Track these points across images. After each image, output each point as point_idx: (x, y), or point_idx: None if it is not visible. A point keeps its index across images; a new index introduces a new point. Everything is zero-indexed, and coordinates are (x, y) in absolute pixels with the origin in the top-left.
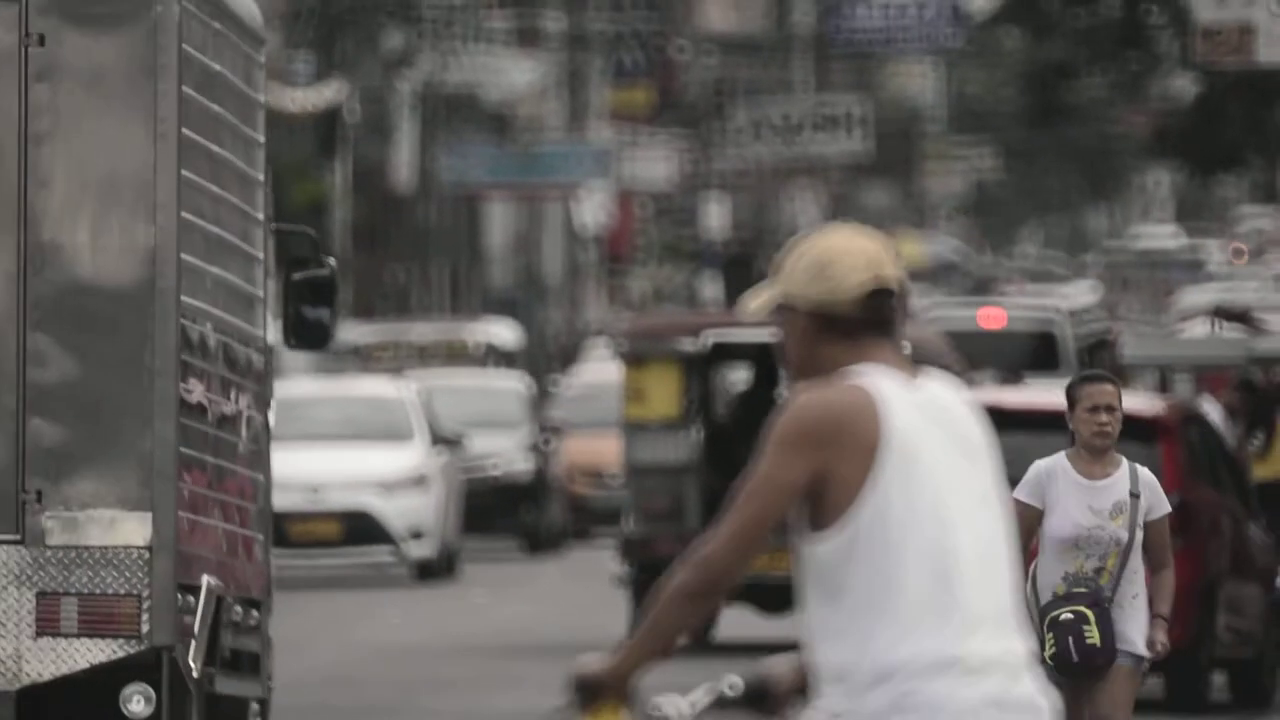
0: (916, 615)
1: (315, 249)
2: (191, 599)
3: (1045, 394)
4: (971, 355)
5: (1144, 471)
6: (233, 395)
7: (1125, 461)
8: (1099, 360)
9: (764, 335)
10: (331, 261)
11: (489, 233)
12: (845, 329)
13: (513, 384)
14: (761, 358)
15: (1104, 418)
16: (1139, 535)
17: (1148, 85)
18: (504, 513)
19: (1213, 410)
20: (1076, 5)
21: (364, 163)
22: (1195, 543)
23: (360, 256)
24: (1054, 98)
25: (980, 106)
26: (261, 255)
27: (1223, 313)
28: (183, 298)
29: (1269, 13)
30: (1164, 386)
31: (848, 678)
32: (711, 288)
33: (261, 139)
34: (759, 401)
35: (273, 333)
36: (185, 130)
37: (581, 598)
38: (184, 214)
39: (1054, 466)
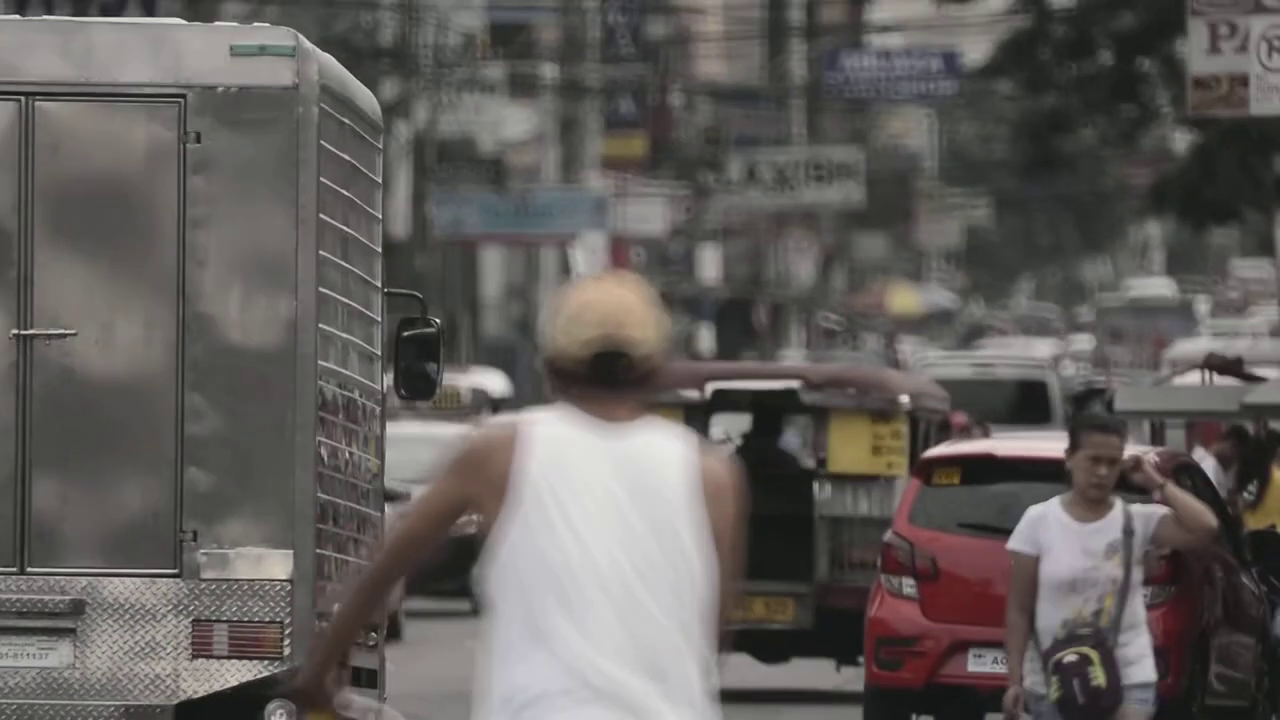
0: (533, 646)
1: (423, 310)
2: (325, 624)
3: (1039, 444)
4: (963, 404)
5: (1135, 507)
6: (357, 443)
7: (1119, 502)
8: (1084, 409)
9: (763, 385)
10: (437, 321)
11: (484, 280)
12: (572, 380)
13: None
14: (759, 406)
15: (1103, 470)
16: (1136, 573)
17: (1141, 137)
18: (454, 571)
19: (1206, 460)
20: (1070, 57)
21: None
22: (1187, 592)
23: None
24: (1047, 149)
25: (973, 158)
26: (380, 318)
27: (1214, 363)
28: (318, 361)
29: (1261, 64)
30: (1156, 437)
31: (485, 700)
32: (707, 338)
33: (379, 215)
34: (757, 449)
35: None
36: (321, 215)
37: None
38: (320, 288)
39: (1047, 512)
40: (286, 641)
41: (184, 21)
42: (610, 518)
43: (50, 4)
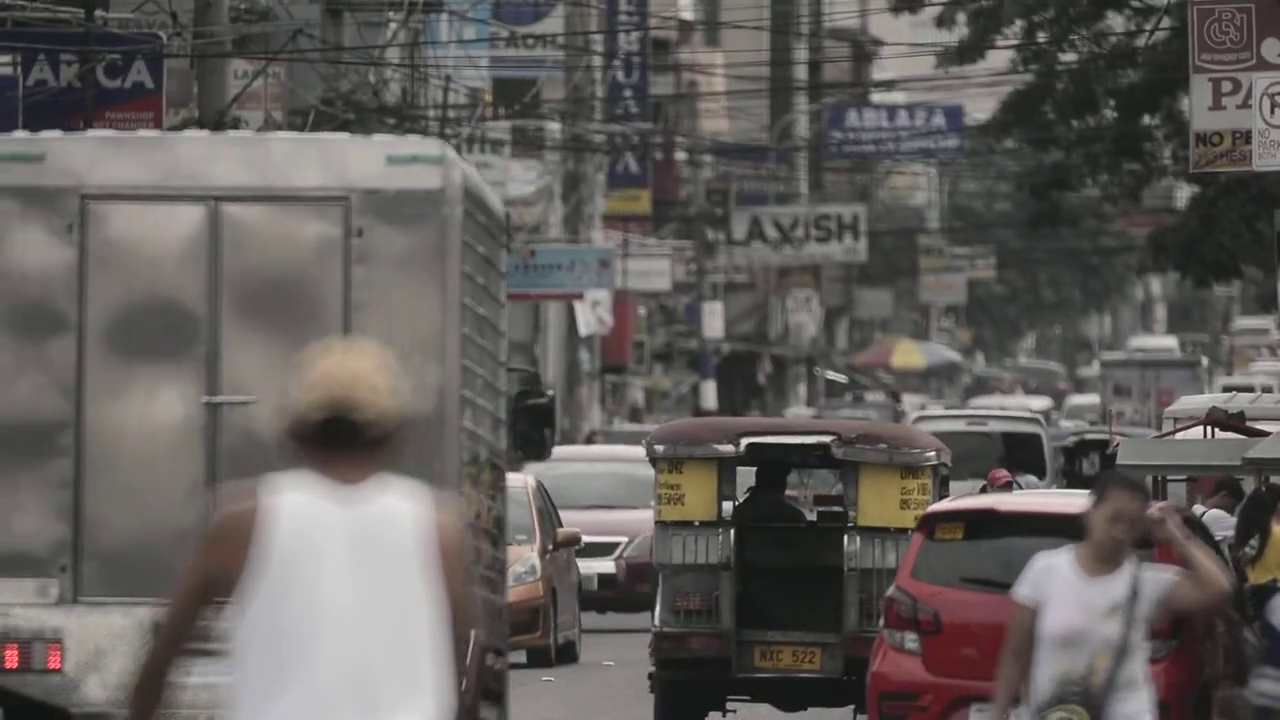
0: (268, 698)
1: (537, 382)
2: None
3: (1042, 499)
4: (956, 458)
5: (1148, 570)
6: (488, 493)
7: (1131, 562)
8: (1079, 461)
9: (797, 439)
10: (550, 392)
11: None
12: (308, 445)
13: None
14: (767, 461)
15: (1123, 529)
16: (1136, 634)
17: (1143, 193)
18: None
19: (1208, 516)
20: (1073, 114)
21: None
22: (1189, 647)
23: None
24: (1050, 205)
25: (978, 217)
26: (504, 388)
27: (1217, 418)
28: (461, 422)
29: (1264, 120)
30: (1158, 491)
31: None
32: (710, 393)
33: (504, 300)
34: (763, 503)
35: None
36: (463, 299)
37: (600, 703)
38: (463, 361)
39: (1055, 562)
40: None
41: (348, 135)
42: (344, 579)
43: (56, 66)
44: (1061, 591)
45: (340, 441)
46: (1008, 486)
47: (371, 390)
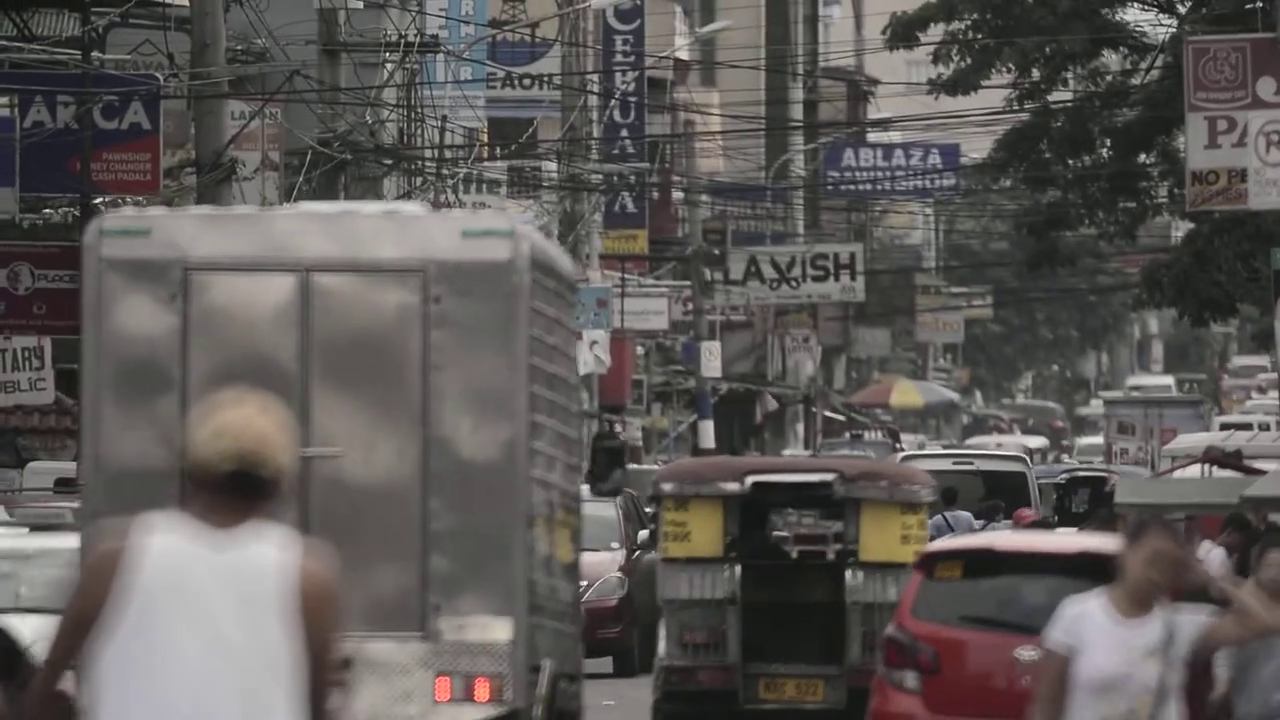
0: None
1: (610, 426)
2: (538, 676)
3: (1040, 538)
4: (948, 494)
5: (1183, 614)
6: (560, 533)
7: (1165, 604)
8: (1070, 498)
9: (801, 478)
10: (622, 436)
11: None
12: (205, 490)
13: None
14: (752, 501)
15: (1158, 572)
16: (1173, 677)
17: (1139, 231)
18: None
19: (1215, 554)
20: (1070, 153)
21: None
22: (1192, 684)
23: None
24: (1047, 244)
25: (975, 257)
26: (578, 436)
27: (1214, 457)
28: (529, 473)
29: (1259, 159)
30: None
31: None
32: (708, 433)
33: (574, 355)
34: (751, 541)
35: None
36: (532, 360)
37: None
38: (532, 416)
39: (1087, 607)
40: (508, 689)
41: (425, 210)
42: (205, 622)
43: (53, 107)
44: (1097, 636)
45: (240, 493)
46: (1037, 525)
47: (276, 448)
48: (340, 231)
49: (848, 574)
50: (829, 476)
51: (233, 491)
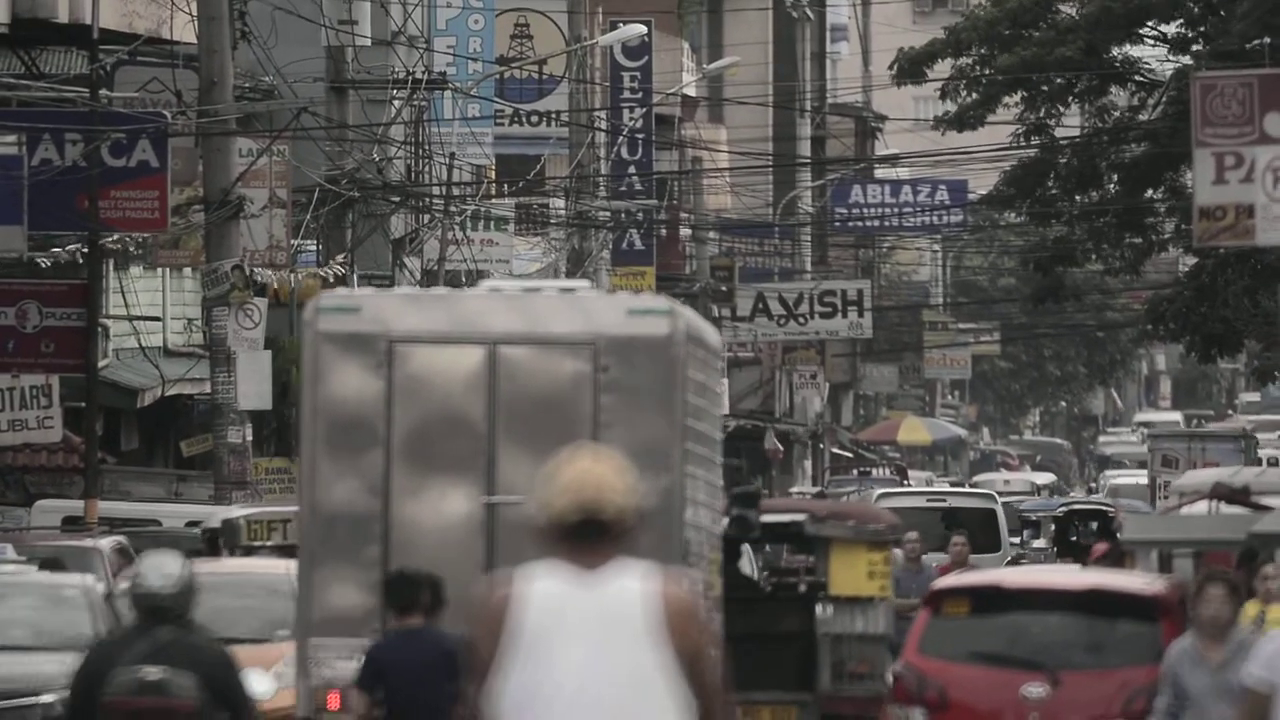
0: None
1: (743, 473)
2: None
3: (1047, 575)
4: (922, 533)
5: None
6: (703, 570)
7: None
8: (1068, 531)
9: (774, 517)
10: (758, 483)
11: None
12: (558, 539)
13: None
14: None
15: None
16: None
17: (1148, 267)
18: None
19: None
20: (1076, 189)
21: None
22: None
23: None
24: (1055, 281)
25: (983, 293)
26: (721, 483)
27: (1222, 493)
28: (685, 517)
29: (1266, 195)
30: (1164, 566)
31: None
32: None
33: (719, 413)
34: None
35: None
36: (686, 420)
37: None
38: (686, 469)
39: None
40: None
41: (596, 291)
42: (584, 654)
43: (61, 145)
44: None
45: (590, 538)
46: (1109, 557)
47: (613, 492)
48: (523, 309)
49: (818, 607)
50: (800, 516)
51: (585, 537)
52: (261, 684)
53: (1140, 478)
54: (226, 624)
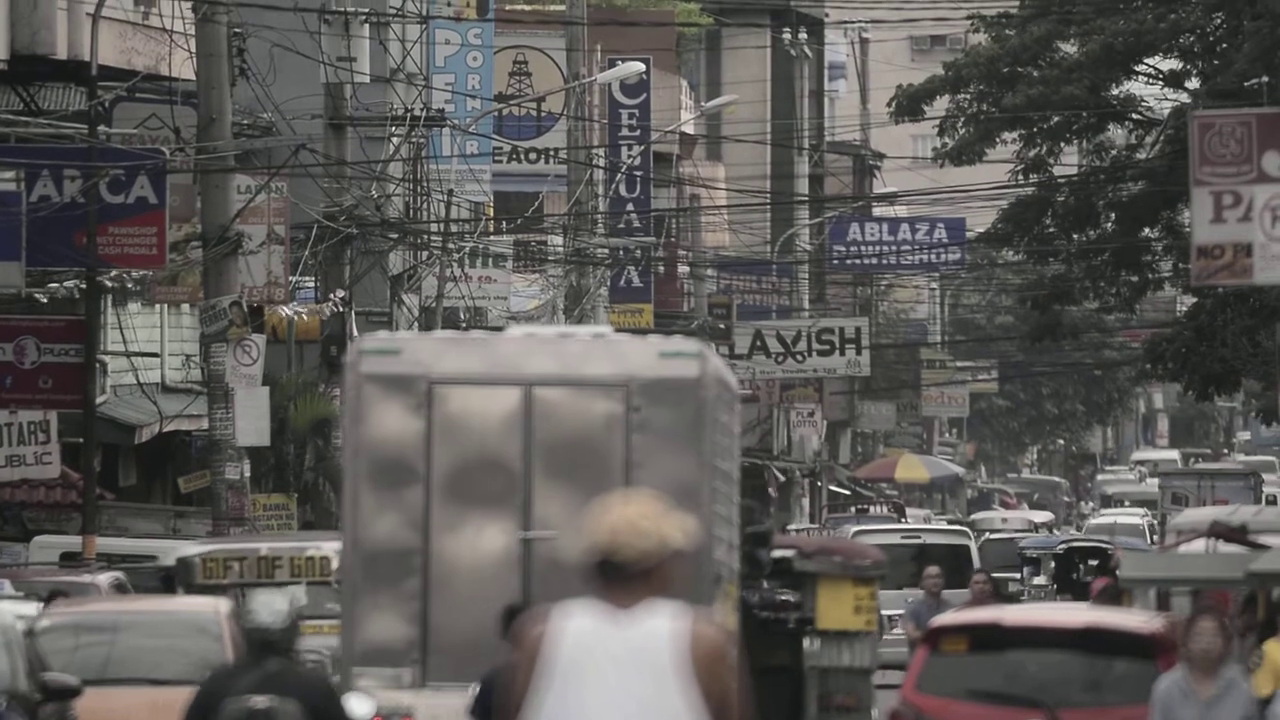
0: None
1: (756, 514)
2: None
3: (1046, 613)
4: (892, 566)
5: None
6: (723, 602)
7: None
8: (1070, 569)
9: (781, 553)
10: (770, 523)
11: None
12: (592, 577)
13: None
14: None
15: None
16: None
17: (1146, 306)
18: None
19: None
20: (1073, 227)
21: None
22: None
23: None
24: (1052, 319)
25: (980, 331)
26: (738, 520)
27: (1219, 531)
28: (713, 552)
29: (1264, 234)
30: (1162, 604)
31: None
32: None
33: (738, 453)
34: None
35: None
36: (712, 460)
37: None
38: (713, 505)
39: None
40: None
41: (629, 336)
42: (613, 690)
43: (59, 181)
44: None
45: (613, 578)
46: (1106, 594)
47: (633, 534)
48: (557, 352)
49: (806, 640)
50: (789, 552)
51: (609, 577)
52: (362, 709)
53: (1123, 516)
54: (150, 666)
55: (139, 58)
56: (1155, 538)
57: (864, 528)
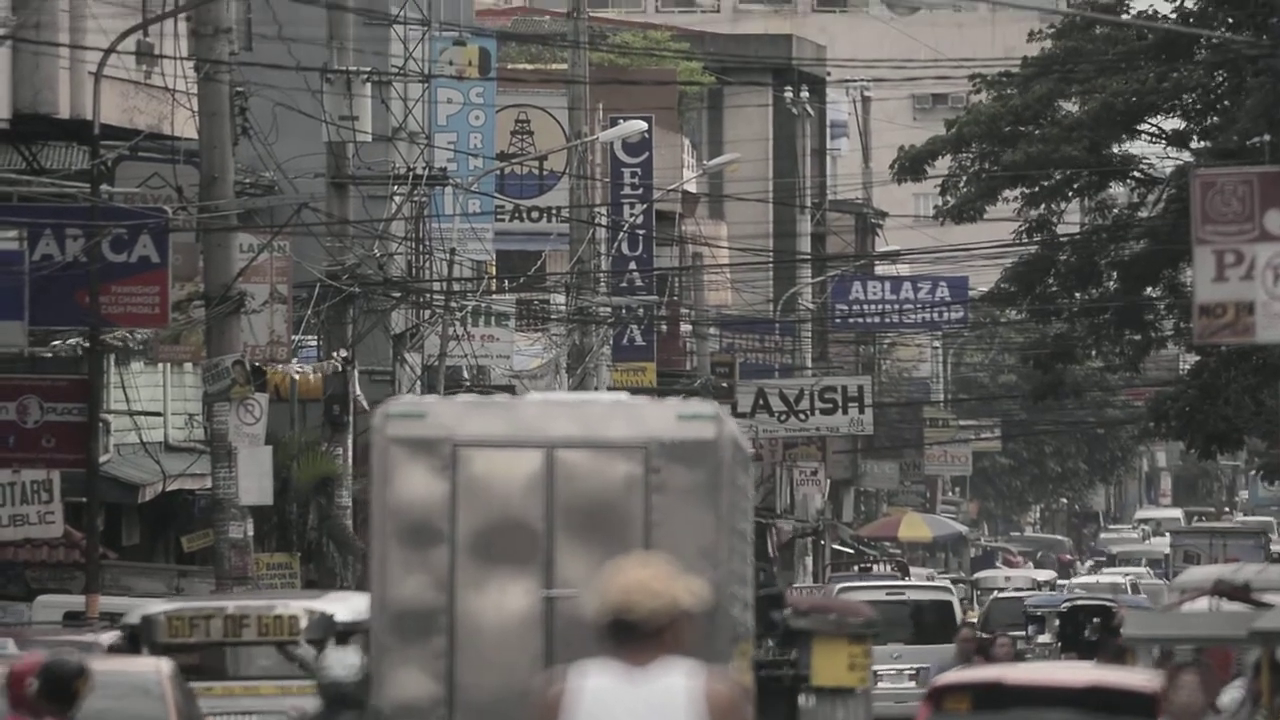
0: None
1: (769, 576)
2: None
3: (1049, 671)
4: (886, 623)
5: None
6: (739, 658)
7: None
8: (1073, 626)
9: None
10: (781, 585)
11: None
12: (603, 635)
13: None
14: None
15: None
16: None
17: (1144, 363)
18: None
19: (1236, 692)
20: (1076, 286)
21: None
22: None
23: (367, 534)
24: (1055, 378)
25: (983, 390)
26: (750, 581)
27: (1223, 589)
28: (730, 609)
29: (1266, 292)
30: (1164, 663)
31: None
32: None
33: (750, 511)
34: None
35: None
36: (729, 520)
37: None
38: (730, 563)
39: None
40: None
41: (648, 400)
42: None
43: (62, 240)
44: None
45: (625, 637)
46: (1108, 652)
47: (645, 594)
48: (578, 416)
49: (801, 697)
50: (785, 612)
51: (621, 636)
52: None
53: (1106, 576)
54: None
55: (141, 116)
56: (1137, 595)
57: (848, 584)
